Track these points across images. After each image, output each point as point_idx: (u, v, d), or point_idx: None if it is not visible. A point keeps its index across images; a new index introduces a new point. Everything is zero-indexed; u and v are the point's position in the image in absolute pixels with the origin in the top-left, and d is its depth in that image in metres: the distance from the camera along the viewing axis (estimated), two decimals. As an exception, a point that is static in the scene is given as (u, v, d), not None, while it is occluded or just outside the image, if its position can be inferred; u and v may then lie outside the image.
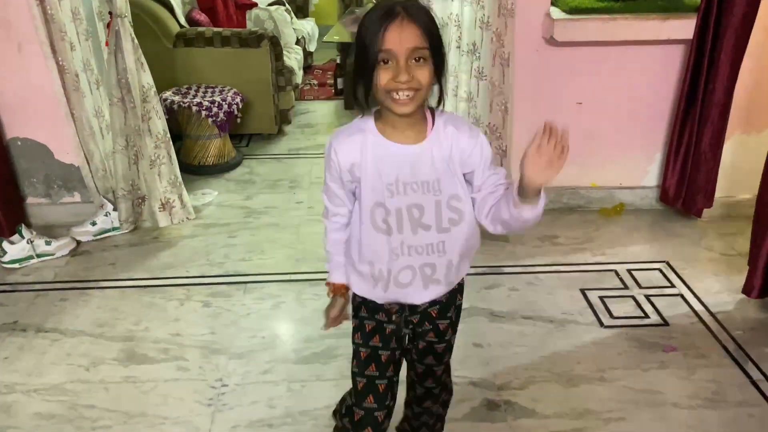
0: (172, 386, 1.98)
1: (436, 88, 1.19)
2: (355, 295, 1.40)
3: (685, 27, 2.58)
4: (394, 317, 1.37)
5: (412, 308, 1.38)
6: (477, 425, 1.82)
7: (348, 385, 1.93)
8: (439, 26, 1.16)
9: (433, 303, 1.37)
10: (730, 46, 2.49)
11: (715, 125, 2.64)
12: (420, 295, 1.33)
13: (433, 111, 1.24)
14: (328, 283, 1.44)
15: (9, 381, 2.00)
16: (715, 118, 2.63)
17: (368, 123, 1.22)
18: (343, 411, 1.56)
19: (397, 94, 1.12)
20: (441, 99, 1.22)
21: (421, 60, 1.12)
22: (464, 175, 1.26)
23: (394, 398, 1.42)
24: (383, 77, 1.12)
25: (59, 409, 1.89)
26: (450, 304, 1.40)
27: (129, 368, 2.06)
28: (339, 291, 1.41)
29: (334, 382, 1.98)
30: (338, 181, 1.27)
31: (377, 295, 1.34)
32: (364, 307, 1.39)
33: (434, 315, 1.39)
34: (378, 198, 1.23)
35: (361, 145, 1.22)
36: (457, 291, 1.41)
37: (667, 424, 1.82)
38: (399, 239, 1.25)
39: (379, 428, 1.38)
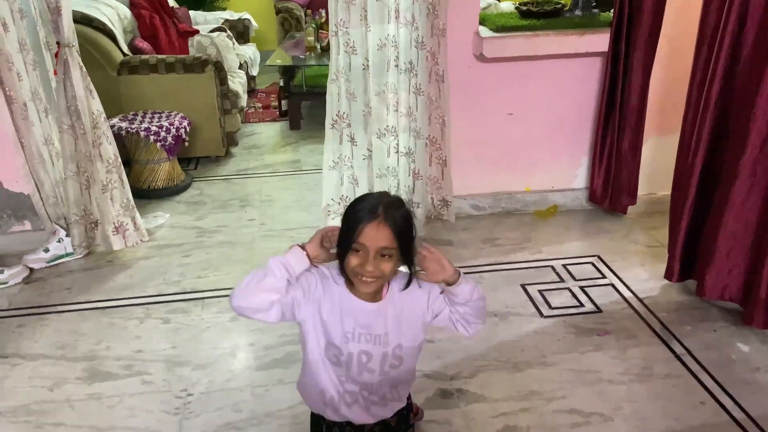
0: (138, 399, 2.04)
1: None
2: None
3: (600, 41, 2.83)
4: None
5: (363, 427, 1.53)
6: (432, 412, 1.95)
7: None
8: (413, 226, 1.35)
9: (384, 424, 1.54)
10: (640, 56, 2.75)
11: (633, 129, 2.89)
12: (364, 416, 1.50)
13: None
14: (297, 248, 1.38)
15: (-29, 406, 2.02)
16: (633, 123, 2.88)
17: (340, 279, 1.39)
18: None
19: (363, 277, 1.31)
20: (410, 279, 1.40)
21: (387, 256, 1.30)
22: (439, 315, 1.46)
23: None
24: (353, 261, 1.30)
25: (26, 429, 1.92)
26: (400, 425, 1.58)
27: (93, 386, 2.10)
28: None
29: (295, 384, 2.07)
30: (301, 290, 1.36)
31: (328, 414, 1.50)
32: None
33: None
34: (335, 341, 1.40)
35: (332, 294, 1.39)
36: (405, 410, 1.60)
37: (603, 399, 2.00)
38: (346, 374, 1.44)
39: None
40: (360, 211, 1.30)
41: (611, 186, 3.05)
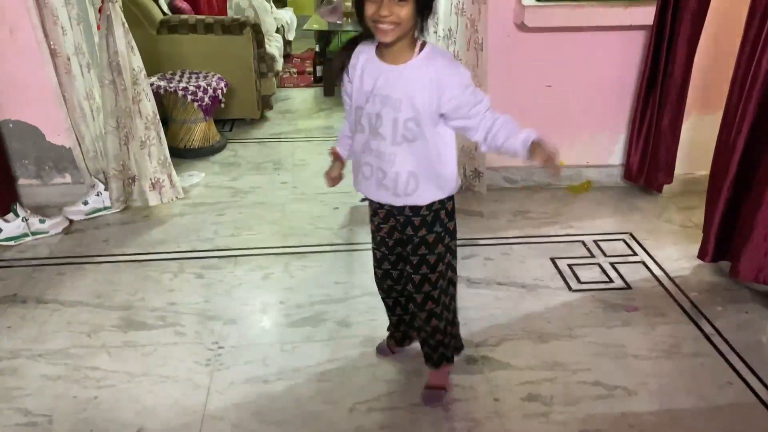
0: (171, 349, 2.10)
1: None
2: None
3: (645, 14, 2.77)
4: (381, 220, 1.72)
5: (388, 212, 1.69)
6: (457, 377, 1.98)
7: (336, 346, 2.10)
8: None
9: (397, 214, 1.66)
10: (686, 31, 2.68)
11: (673, 106, 2.83)
12: (375, 193, 1.64)
13: (424, 44, 1.49)
14: (331, 149, 1.75)
15: (14, 347, 2.10)
16: (674, 100, 2.82)
17: (371, 47, 1.52)
18: None
19: (381, 24, 1.39)
20: (421, 30, 1.46)
21: (401, 0, 1.37)
22: (450, 110, 1.51)
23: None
24: (369, 9, 1.39)
25: (64, 371, 2.00)
26: (408, 223, 1.65)
27: (128, 334, 2.17)
28: (336, 155, 1.74)
29: (324, 342, 2.12)
30: (347, 89, 1.58)
31: (357, 187, 1.68)
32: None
33: (400, 227, 1.69)
34: (360, 102, 1.55)
35: (360, 59, 1.53)
36: (426, 215, 1.64)
37: (628, 373, 2.00)
38: (364, 138, 1.57)
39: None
40: None
41: (648, 163, 3.01)
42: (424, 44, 1.49)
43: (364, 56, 1.52)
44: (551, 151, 1.49)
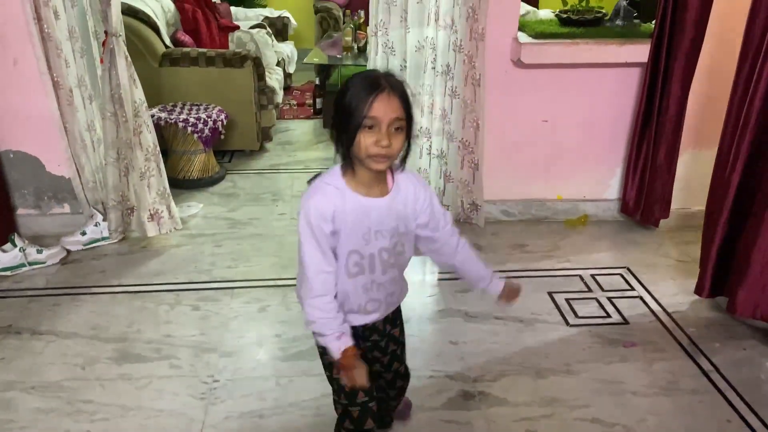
0: (166, 382, 2.08)
1: None
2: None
3: (640, 51, 2.82)
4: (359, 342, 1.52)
5: (370, 327, 1.55)
6: (453, 413, 1.96)
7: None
8: (411, 98, 1.32)
9: (386, 318, 1.58)
10: (680, 68, 2.72)
11: (669, 141, 2.87)
12: (381, 314, 1.54)
13: (392, 169, 1.40)
14: (344, 353, 1.37)
15: (7, 379, 2.08)
16: (669, 135, 2.85)
17: (339, 181, 1.35)
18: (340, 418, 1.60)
19: (378, 156, 1.28)
20: (405, 159, 1.38)
21: (399, 129, 1.28)
22: (422, 223, 1.47)
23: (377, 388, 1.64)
24: (367, 139, 1.26)
25: (57, 404, 1.98)
26: (397, 315, 1.64)
27: (123, 366, 2.16)
28: (354, 353, 1.38)
29: (321, 377, 2.07)
30: (317, 242, 1.35)
31: (350, 323, 1.47)
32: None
33: (389, 328, 1.61)
34: (353, 246, 1.38)
35: (338, 200, 1.34)
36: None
37: (627, 410, 1.99)
38: (370, 278, 1.44)
39: (375, 416, 1.55)
40: (362, 87, 1.26)
41: (644, 198, 3.03)
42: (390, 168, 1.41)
43: (342, 198, 1.34)
44: (516, 289, 1.67)
